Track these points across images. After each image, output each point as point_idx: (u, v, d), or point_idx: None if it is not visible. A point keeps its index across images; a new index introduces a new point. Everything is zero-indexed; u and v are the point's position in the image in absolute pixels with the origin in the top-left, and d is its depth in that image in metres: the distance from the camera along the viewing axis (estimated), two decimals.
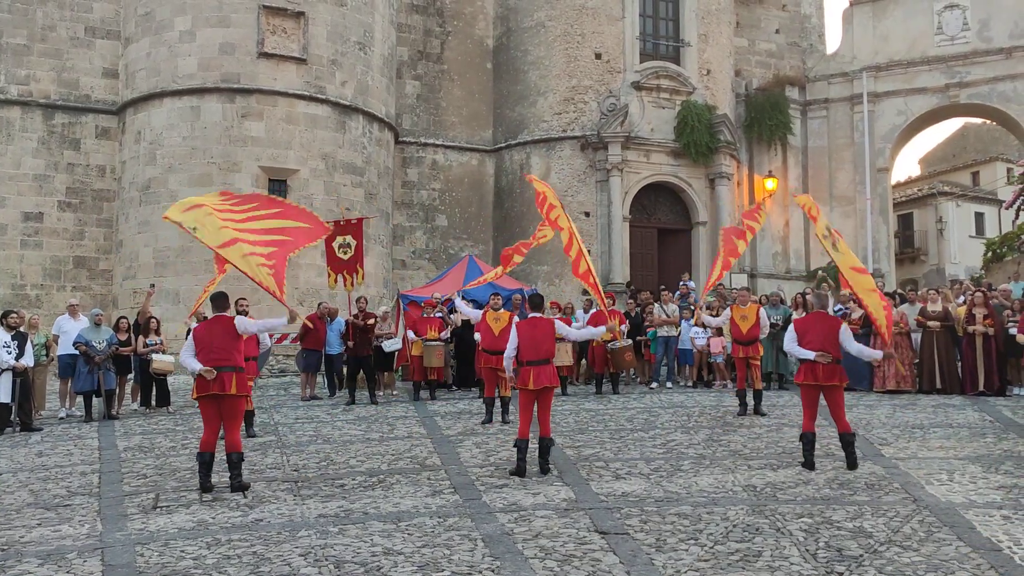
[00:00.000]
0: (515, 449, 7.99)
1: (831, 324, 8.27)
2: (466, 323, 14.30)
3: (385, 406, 12.90)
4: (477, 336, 12.77)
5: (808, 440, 8.02)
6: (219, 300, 7.87)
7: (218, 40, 18.50)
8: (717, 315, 14.87)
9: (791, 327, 8.50)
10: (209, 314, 7.98)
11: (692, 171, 22.48)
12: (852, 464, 7.91)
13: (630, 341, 14.27)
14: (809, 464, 7.93)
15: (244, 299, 12.32)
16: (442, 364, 14.15)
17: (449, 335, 14.41)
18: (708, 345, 14.59)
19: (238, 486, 7.38)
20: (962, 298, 14.14)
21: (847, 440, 7.97)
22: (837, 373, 8.04)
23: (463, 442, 9.67)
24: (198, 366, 7.36)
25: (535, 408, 8.14)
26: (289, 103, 18.78)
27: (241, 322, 7.82)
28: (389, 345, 14.12)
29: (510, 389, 10.65)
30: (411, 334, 13.98)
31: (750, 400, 11.28)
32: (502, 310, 11.75)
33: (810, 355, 7.99)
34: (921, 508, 6.55)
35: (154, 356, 12.62)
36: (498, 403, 11.09)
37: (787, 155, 24.80)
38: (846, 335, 8.14)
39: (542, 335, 8.25)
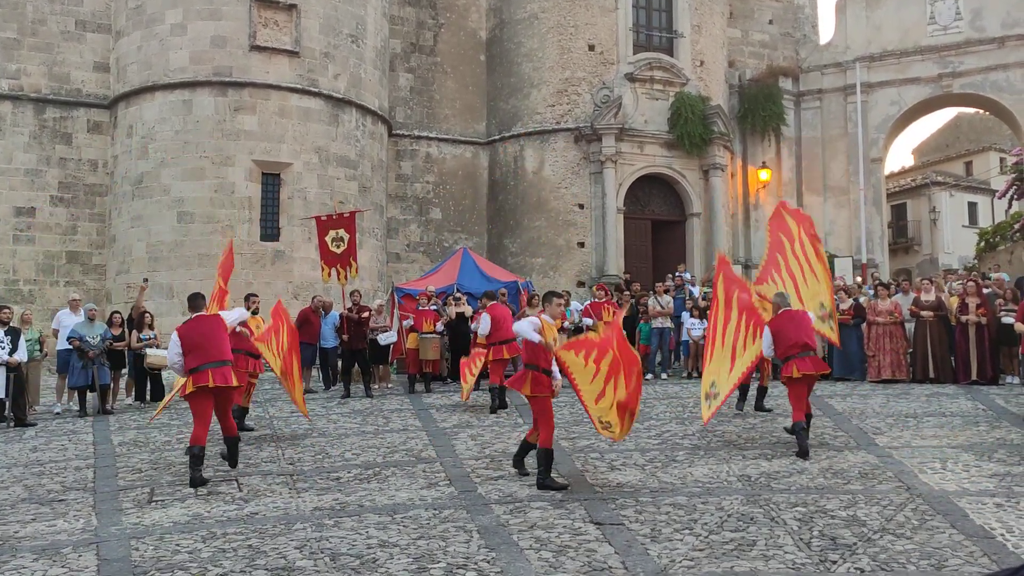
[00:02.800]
0: (544, 459, 7.16)
1: (802, 318, 8.61)
2: (460, 316, 14.30)
3: (380, 399, 12.89)
4: (474, 327, 12.80)
5: (801, 428, 8.16)
6: (196, 300, 8.15)
7: (209, 33, 18.41)
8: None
9: (766, 331, 8.66)
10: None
11: (686, 162, 22.47)
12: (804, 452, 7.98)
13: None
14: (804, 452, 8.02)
15: (255, 295, 12.35)
16: (438, 356, 14.17)
17: (443, 327, 14.39)
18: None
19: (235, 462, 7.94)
20: (952, 287, 14.18)
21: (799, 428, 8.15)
22: (819, 363, 8.44)
23: (458, 434, 9.67)
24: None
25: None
26: (282, 96, 18.70)
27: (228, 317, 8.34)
28: (384, 338, 14.11)
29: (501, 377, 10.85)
30: (407, 322, 14.01)
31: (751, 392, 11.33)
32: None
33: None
34: (914, 496, 6.58)
35: (148, 351, 12.60)
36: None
37: (781, 146, 24.79)
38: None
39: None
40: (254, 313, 11.22)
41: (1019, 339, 12.01)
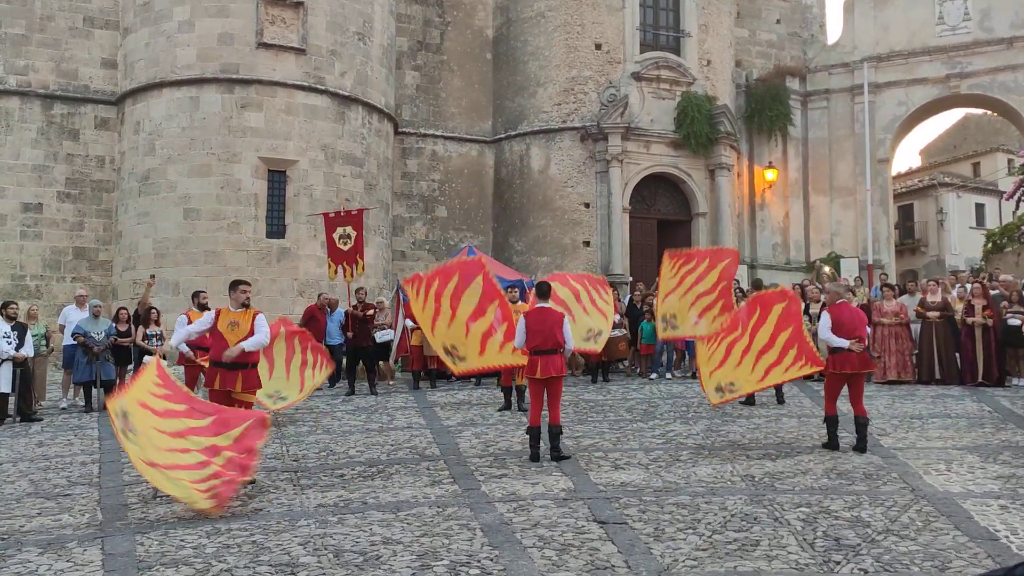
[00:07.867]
0: (527, 436, 8.24)
1: (860, 314, 8.73)
2: None
3: (385, 396, 12.91)
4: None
5: (833, 421, 8.39)
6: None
7: (217, 30, 18.44)
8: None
9: (825, 315, 8.61)
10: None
11: (692, 162, 22.44)
12: (862, 448, 8.17)
13: (625, 331, 14.29)
14: (834, 444, 8.29)
15: (203, 291, 12.43)
16: None
17: None
18: None
19: None
20: (955, 291, 14.13)
21: (862, 423, 8.28)
22: (869, 361, 8.57)
23: (462, 432, 9.68)
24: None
25: (545, 397, 8.31)
26: (288, 93, 18.72)
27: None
28: (381, 336, 14.12)
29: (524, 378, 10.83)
30: (410, 323, 14.01)
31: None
32: (520, 302, 12.02)
33: (844, 343, 8.25)
34: (919, 498, 6.56)
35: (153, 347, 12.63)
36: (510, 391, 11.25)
37: (787, 146, 24.75)
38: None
39: (550, 325, 8.35)
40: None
41: None
